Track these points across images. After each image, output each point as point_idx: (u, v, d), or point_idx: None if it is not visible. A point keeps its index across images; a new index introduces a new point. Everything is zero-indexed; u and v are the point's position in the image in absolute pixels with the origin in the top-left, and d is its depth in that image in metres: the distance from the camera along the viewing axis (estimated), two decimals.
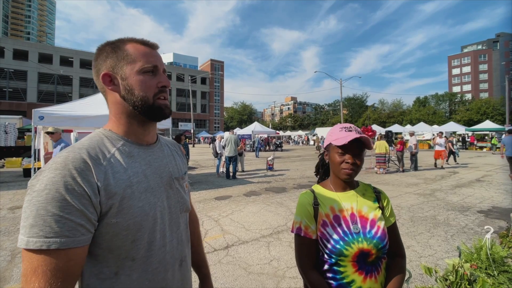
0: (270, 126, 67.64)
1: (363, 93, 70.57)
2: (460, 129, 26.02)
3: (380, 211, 1.03)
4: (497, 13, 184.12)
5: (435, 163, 11.73)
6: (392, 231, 1.04)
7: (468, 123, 41.15)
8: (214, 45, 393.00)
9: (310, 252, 1.02)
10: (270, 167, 11.09)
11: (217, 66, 66.82)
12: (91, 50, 60.15)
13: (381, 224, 0.99)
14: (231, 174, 9.23)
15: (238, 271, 2.92)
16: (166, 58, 73.24)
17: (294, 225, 1.05)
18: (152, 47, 0.76)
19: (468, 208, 5.37)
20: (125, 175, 0.67)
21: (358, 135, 0.99)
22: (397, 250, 1.04)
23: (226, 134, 10.07)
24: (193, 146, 34.76)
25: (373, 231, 0.97)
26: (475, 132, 25.94)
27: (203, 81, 63.27)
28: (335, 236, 0.97)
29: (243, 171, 10.97)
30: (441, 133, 12.56)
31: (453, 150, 13.03)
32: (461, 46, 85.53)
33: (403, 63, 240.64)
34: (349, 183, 1.08)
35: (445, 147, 11.51)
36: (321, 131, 40.99)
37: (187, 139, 32.79)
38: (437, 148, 11.65)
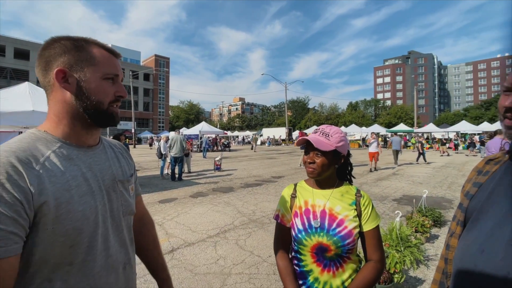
0: (218, 126, 67.10)
1: (305, 96, 75.96)
2: (382, 131, 30.49)
3: (355, 213, 1.06)
4: (410, 34, 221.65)
5: (371, 168, 10.80)
6: (370, 236, 1.06)
7: (388, 125, 48.25)
8: (157, 40, 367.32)
9: (283, 238, 1.16)
10: (217, 167, 11.05)
11: (162, 62, 62.75)
12: (7, 34, 49.93)
13: (350, 225, 1.03)
14: (176, 175, 8.88)
15: (184, 273, 2.88)
16: None
17: (275, 213, 1.21)
18: (116, 55, 0.77)
19: (386, 197, 6.37)
20: (63, 179, 0.64)
21: (306, 137, 1.11)
22: (372, 255, 1.05)
23: (172, 134, 9.63)
24: (134, 147, 31.99)
25: (338, 229, 1.03)
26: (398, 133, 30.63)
27: (146, 77, 58.65)
28: (300, 226, 1.08)
29: (189, 172, 10.65)
30: (374, 133, 12.10)
31: (420, 151, 13.46)
32: (384, 59, 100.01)
33: (339, 70, 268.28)
34: (325, 182, 1.13)
35: (378, 148, 10.83)
36: (267, 132, 42.67)
37: (127, 139, 29.93)
38: (370, 149, 10.92)
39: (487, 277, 0.66)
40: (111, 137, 7.99)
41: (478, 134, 25.12)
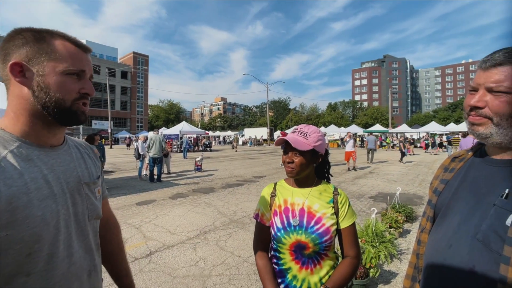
0: (200, 126, 66.10)
1: (286, 97, 77.29)
2: (359, 131, 31.69)
3: (332, 211, 1.08)
4: (385, 38, 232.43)
5: (350, 167, 10.76)
6: (346, 233, 1.08)
7: (365, 126, 50.18)
8: (136, 37, 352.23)
9: (263, 237, 1.16)
10: (198, 168, 10.87)
11: (140, 60, 60.51)
12: None
13: (327, 222, 1.05)
14: (155, 176, 8.61)
15: (162, 277, 2.80)
16: None
17: (255, 212, 1.21)
18: (84, 50, 0.71)
19: (363, 195, 6.60)
20: (21, 181, 0.59)
21: (284, 137, 1.10)
22: (349, 252, 1.08)
23: (150, 134, 9.34)
24: (111, 147, 30.63)
25: (316, 227, 1.04)
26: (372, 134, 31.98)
27: (124, 75, 56.32)
28: (279, 225, 1.08)
29: (169, 173, 10.38)
30: (350, 132, 11.67)
31: (403, 150, 13.77)
32: (361, 62, 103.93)
33: (319, 72, 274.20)
34: (304, 180, 1.14)
35: (354, 147, 10.72)
36: (249, 132, 42.70)
37: (103, 140, 28.53)
38: (347, 149, 10.79)
39: (455, 271, 0.69)
40: (85, 137, 7.58)
41: (446, 134, 26.87)
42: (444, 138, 24.19)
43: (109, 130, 32.85)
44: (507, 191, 0.65)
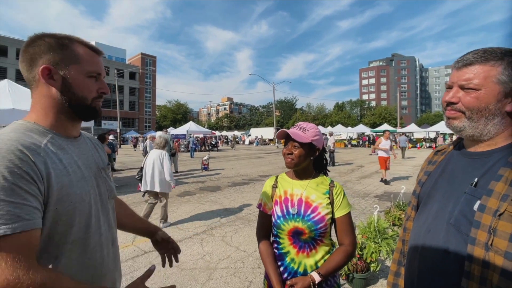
0: (206, 126, 66.52)
1: (293, 97, 76.83)
2: (367, 130, 31.37)
3: (328, 201, 1.19)
4: (393, 36, 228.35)
5: (384, 179, 7.88)
6: (341, 222, 1.18)
7: (373, 125, 49.57)
8: (142, 37, 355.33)
9: (265, 224, 1.29)
10: (205, 167, 11.05)
11: (148, 61, 61.45)
12: None
13: (323, 211, 1.16)
14: None
15: (170, 269, 2.93)
16: None
17: (258, 202, 1.34)
18: (98, 53, 0.83)
19: (368, 194, 6.64)
20: (61, 165, 0.72)
21: (286, 130, 1.23)
22: (344, 240, 1.18)
23: (159, 134, 9.56)
24: (119, 147, 31.23)
25: (312, 215, 1.16)
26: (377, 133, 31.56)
27: (132, 76, 57.29)
28: (279, 213, 1.21)
29: (176, 171, 10.58)
30: (388, 131, 8.66)
31: None
32: (369, 61, 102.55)
33: (325, 71, 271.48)
34: (303, 173, 1.26)
35: (391, 151, 8.10)
36: (256, 132, 42.79)
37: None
38: (381, 154, 7.93)
39: (432, 252, 0.79)
40: (96, 136, 7.83)
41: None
42: (454, 137, 23.66)
43: (118, 130, 33.51)
44: (476, 180, 0.74)
